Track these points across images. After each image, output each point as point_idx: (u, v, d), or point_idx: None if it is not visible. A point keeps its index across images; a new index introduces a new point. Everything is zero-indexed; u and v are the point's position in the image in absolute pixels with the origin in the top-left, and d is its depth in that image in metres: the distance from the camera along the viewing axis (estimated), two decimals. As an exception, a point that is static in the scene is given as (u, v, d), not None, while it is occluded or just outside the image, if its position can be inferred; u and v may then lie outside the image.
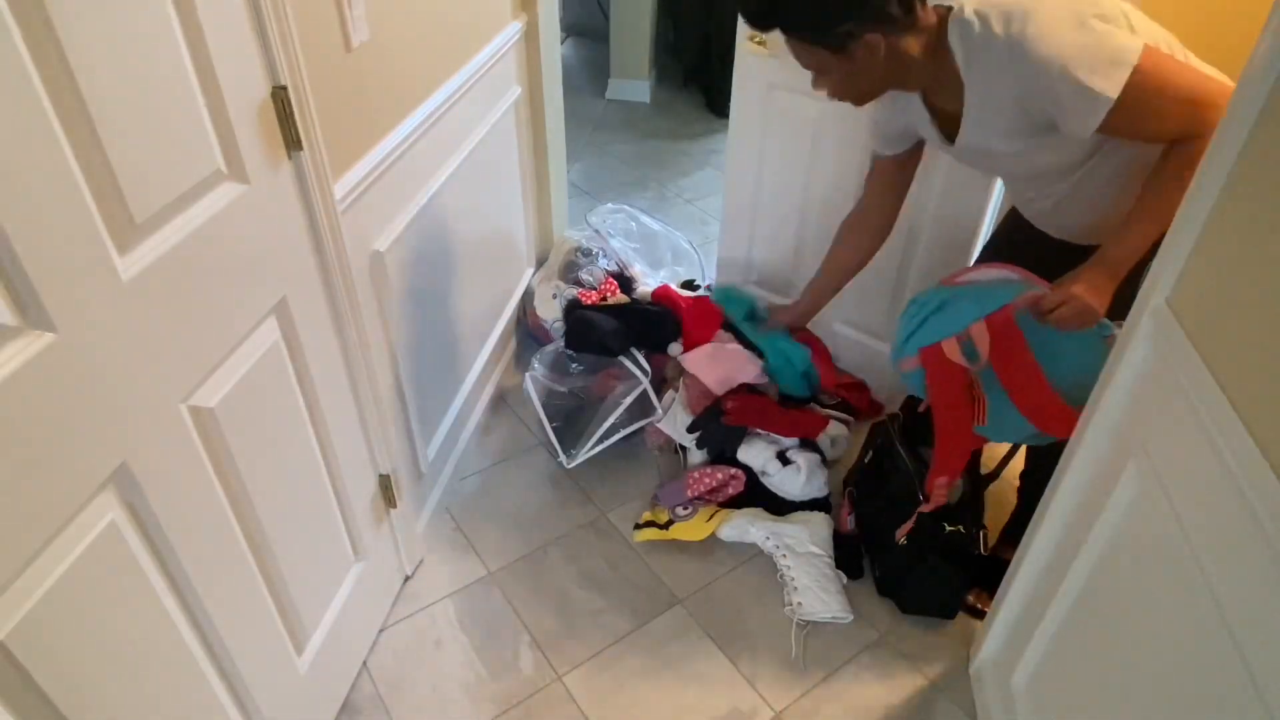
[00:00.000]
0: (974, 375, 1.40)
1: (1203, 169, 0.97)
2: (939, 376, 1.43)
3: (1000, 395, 1.38)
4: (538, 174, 2.46)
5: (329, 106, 1.23)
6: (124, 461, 0.88)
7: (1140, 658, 1.00)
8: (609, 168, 3.65)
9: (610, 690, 1.58)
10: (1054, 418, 1.34)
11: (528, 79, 2.27)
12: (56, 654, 0.81)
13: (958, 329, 1.39)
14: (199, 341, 1.00)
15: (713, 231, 3.02)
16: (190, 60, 0.92)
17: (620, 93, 4.29)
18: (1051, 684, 1.26)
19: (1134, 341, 1.09)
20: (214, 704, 1.11)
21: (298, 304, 1.20)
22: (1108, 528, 1.12)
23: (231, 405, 1.06)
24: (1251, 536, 0.79)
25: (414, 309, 1.67)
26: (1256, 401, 0.82)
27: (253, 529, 1.15)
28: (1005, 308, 1.35)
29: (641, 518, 1.91)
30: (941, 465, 1.49)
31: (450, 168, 1.76)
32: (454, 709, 1.54)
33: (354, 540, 1.49)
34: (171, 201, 0.92)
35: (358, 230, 1.38)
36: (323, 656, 1.40)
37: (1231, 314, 0.89)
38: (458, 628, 1.68)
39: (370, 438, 1.51)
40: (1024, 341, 1.35)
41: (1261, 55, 0.87)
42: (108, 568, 0.88)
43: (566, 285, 2.40)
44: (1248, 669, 0.78)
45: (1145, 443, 1.04)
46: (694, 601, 1.75)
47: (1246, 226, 0.89)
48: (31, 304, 0.75)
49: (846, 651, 1.66)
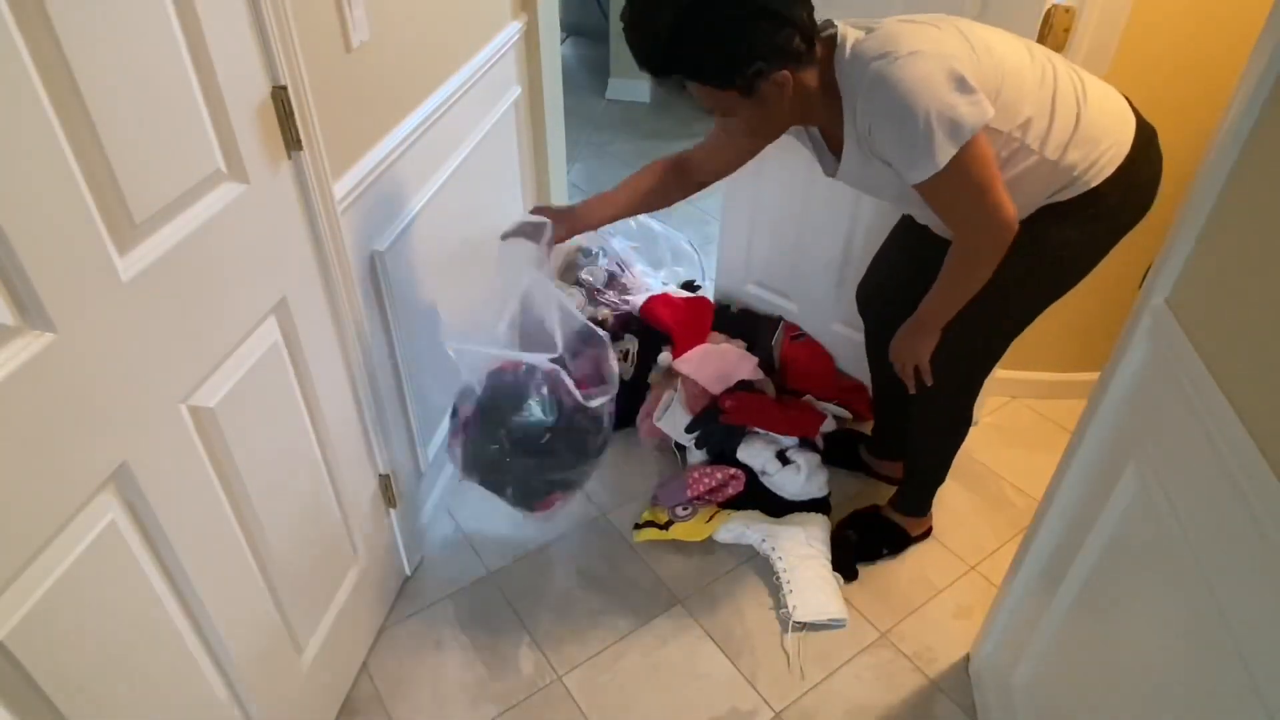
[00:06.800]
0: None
1: (1203, 169, 0.97)
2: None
3: None
4: (538, 174, 2.46)
5: (329, 106, 1.23)
6: (124, 461, 0.88)
7: (1140, 658, 1.00)
8: (609, 168, 3.65)
9: (610, 690, 1.58)
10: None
11: (528, 79, 2.27)
12: (56, 654, 0.81)
13: None
14: (199, 341, 1.00)
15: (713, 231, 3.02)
16: (190, 60, 0.92)
17: (620, 93, 4.29)
18: (1051, 684, 1.26)
19: (1134, 341, 1.09)
20: (214, 704, 1.11)
21: (298, 304, 1.20)
22: (1108, 528, 1.12)
23: (231, 405, 1.06)
24: (1251, 536, 0.79)
25: (414, 309, 1.67)
26: (1256, 401, 0.82)
27: (252, 529, 1.15)
28: None
29: (641, 518, 1.90)
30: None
31: (450, 168, 1.76)
32: (454, 709, 1.54)
33: (354, 540, 1.49)
34: (171, 201, 0.92)
35: (358, 230, 1.38)
36: (323, 656, 1.40)
37: (1231, 314, 0.89)
38: (458, 628, 1.68)
39: (370, 438, 1.51)
40: None
41: (1261, 55, 0.87)
42: (108, 568, 0.88)
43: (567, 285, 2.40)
44: (1248, 669, 0.78)
45: (1145, 443, 1.04)
46: (694, 601, 1.75)
47: (1246, 226, 0.89)
48: (31, 304, 0.75)
49: (846, 651, 1.66)
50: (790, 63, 1.23)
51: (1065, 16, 1.61)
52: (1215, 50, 1.69)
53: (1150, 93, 1.76)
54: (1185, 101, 1.77)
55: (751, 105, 1.26)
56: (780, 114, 1.31)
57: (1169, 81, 1.75)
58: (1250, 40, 0.90)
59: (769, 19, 1.18)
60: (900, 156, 1.24)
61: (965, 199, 1.26)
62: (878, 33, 1.26)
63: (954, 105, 1.18)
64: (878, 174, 1.36)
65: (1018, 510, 1.97)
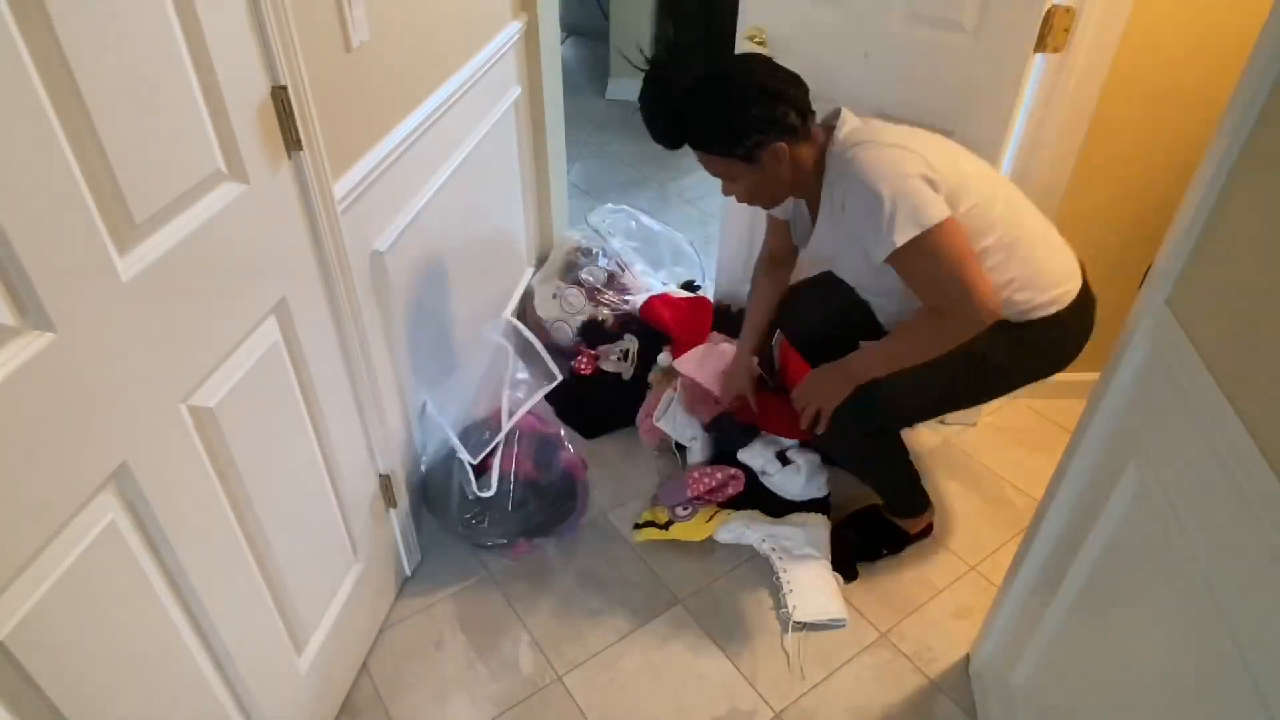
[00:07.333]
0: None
1: (1203, 169, 0.97)
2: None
3: None
4: (538, 174, 2.46)
5: (329, 106, 1.23)
6: (124, 461, 0.88)
7: (1140, 657, 1.00)
8: (609, 168, 3.66)
9: (610, 690, 1.58)
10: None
11: (528, 79, 2.27)
12: (56, 654, 0.81)
13: None
14: (199, 341, 1.00)
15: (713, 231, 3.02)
16: (190, 60, 0.92)
17: (620, 93, 4.29)
18: (1051, 684, 1.26)
19: (1134, 341, 1.09)
20: (214, 704, 1.11)
21: (298, 304, 1.20)
22: (1108, 528, 1.12)
23: (231, 405, 1.05)
24: (1251, 536, 0.79)
25: (414, 309, 1.67)
26: (1256, 401, 0.82)
27: (253, 529, 1.15)
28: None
29: (641, 518, 1.90)
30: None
31: (450, 167, 1.76)
32: (454, 709, 1.54)
33: (354, 540, 1.49)
34: (171, 201, 0.92)
35: (358, 230, 1.38)
36: (323, 656, 1.40)
37: (1231, 314, 0.89)
38: (458, 628, 1.68)
39: (370, 438, 1.51)
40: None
41: (1261, 55, 0.87)
42: (108, 568, 0.88)
43: (567, 285, 2.40)
44: (1248, 669, 0.78)
45: (1145, 443, 1.04)
46: (694, 601, 1.75)
47: (1246, 226, 0.89)
48: (31, 304, 0.75)
49: (846, 651, 1.66)
50: (786, 135, 1.37)
51: (1065, 16, 1.61)
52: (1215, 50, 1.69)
53: (1150, 92, 1.77)
54: (1185, 101, 1.77)
55: (752, 172, 1.41)
56: (778, 182, 1.44)
57: (1169, 81, 1.75)
58: (1250, 40, 0.90)
59: (767, 96, 1.34)
60: (866, 233, 1.33)
61: (931, 281, 1.35)
62: (873, 123, 1.41)
63: (919, 191, 1.29)
64: (845, 253, 1.49)
65: (1018, 510, 1.97)
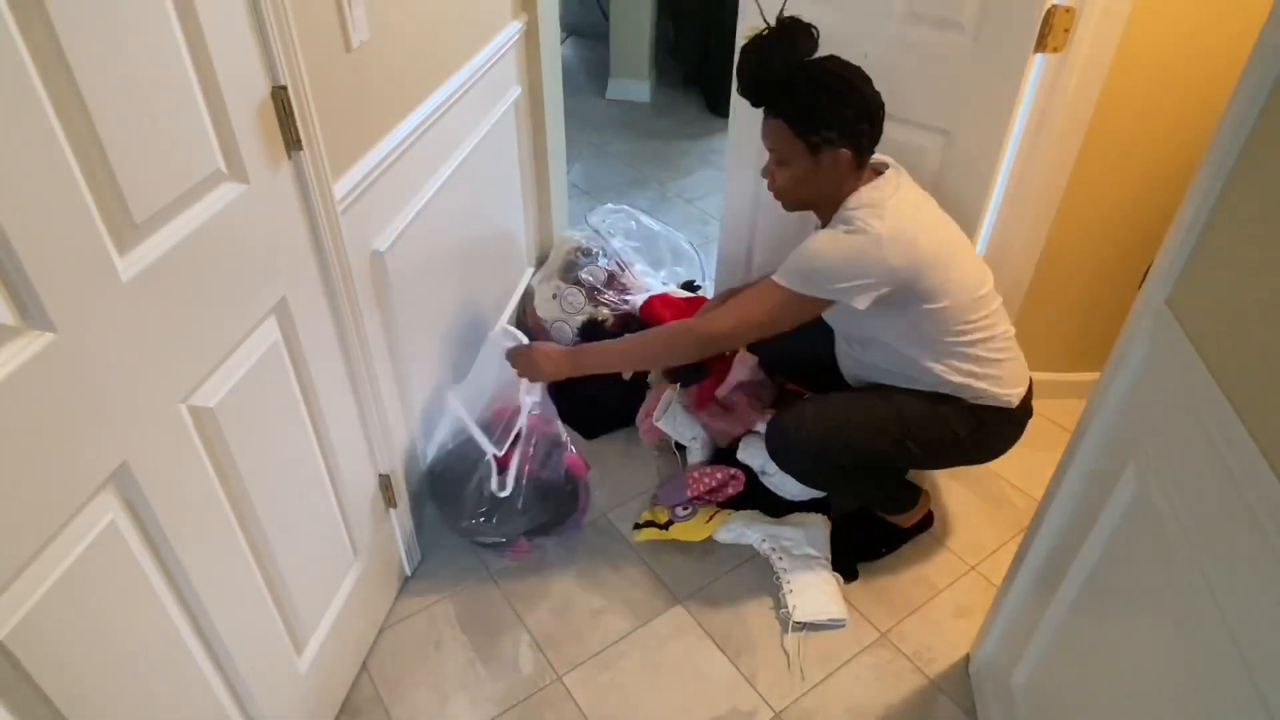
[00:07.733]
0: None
1: (1203, 169, 0.97)
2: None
3: None
4: (537, 174, 2.46)
5: (329, 106, 1.23)
6: (124, 461, 0.88)
7: (1140, 657, 1.00)
8: (609, 168, 3.65)
9: (610, 690, 1.58)
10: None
11: (528, 79, 2.27)
12: (56, 654, 0.81)
13: None
14: (199, 341, 1.00)
15: (713, 231, 3.02)
16: (190, 60, 0.92)
17: (620, 93, 4.29)
18: (1051, 684, 1.26)
19: (1134, 341, 1.09)
20: (214, 704, 1.11)
21: (298, 304, 1.20)
22: (1108, 528, 1.12)
23: (231, 405, 1.06)
24: (1251, 536, 0.79)
25: (414, 309, 1.67)
26: (1256, 401, 0.82)
27: (253, 529, 1.15)
28: None
29: (641, 518, 1.90)
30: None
31: (450, 168, 1.76)
32: (454, 709, 1.54)
33: (354, 540, 1.49)
34: (171, 201, 0.92)
35: (358, 230, 1.38)
36: (323, 656, 1.40)
37: (1231, 314, 0.89)
38: (458, 628, 1.68)
39: (370, 438, 1.51)
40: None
41: (1261, 55, 0.87)
42: (108, 568, 0.88)
43: (567, 285, 2.40)
44: (1248, 669, 0.78)
45: (1145, 443, 1.04)
46: (694, 601, 1.75)
47: (1246, 226, 0.89)
48: (31, 304, 0.75)
49: (846, 651, 1.66)
50: (852, 146, 1.42)
51: (1065, 16, 1.61)
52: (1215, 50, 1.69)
53: (1150, 92, 1.77)
54: (1185, 101, 1.77)
55: (807, 163, 1.45)
56: (820, 185, 1.47)
57: (1169, 81, 1.75)
58: (1250, 40, 0.90)
59: (863, 110, 1.41)
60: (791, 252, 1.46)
61: (748, 307, 1.49)
62: (902, 187, 1.45)
63: (831, 271, 1.39)
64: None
65: (1018, 510, 1.97)
